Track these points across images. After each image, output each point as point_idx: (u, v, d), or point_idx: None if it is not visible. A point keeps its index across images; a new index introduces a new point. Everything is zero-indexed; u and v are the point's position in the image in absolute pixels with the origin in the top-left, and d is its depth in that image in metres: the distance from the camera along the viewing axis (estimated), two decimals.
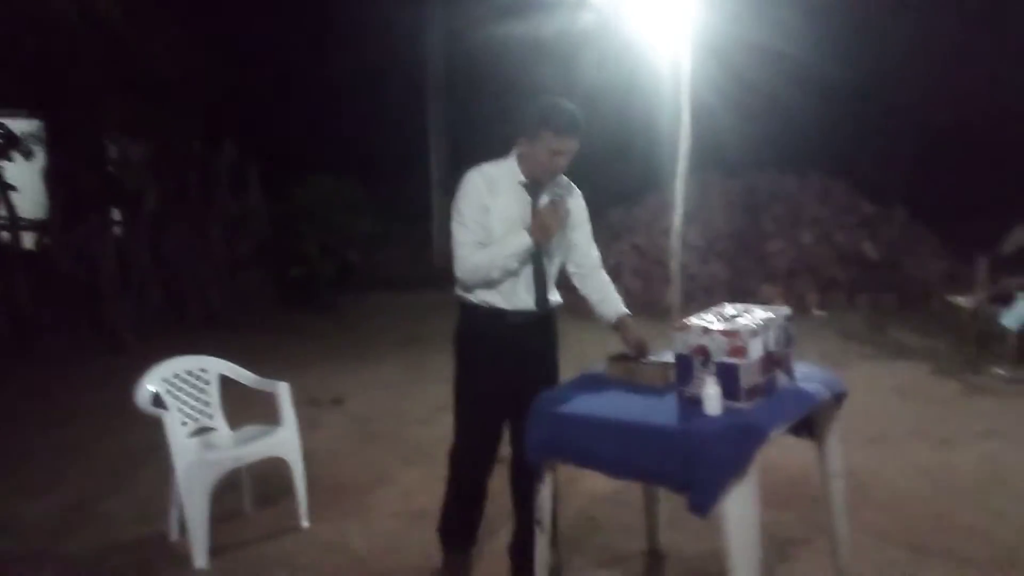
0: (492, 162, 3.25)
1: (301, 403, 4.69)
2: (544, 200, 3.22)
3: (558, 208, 3.16)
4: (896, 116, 11.62)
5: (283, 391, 4.16)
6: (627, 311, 3.43)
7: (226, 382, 4.33)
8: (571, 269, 3.46)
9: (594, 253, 3.47)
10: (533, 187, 3.22)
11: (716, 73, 7.09)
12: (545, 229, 3.13)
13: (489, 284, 3.20)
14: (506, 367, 3.26)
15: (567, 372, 3.42)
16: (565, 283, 3.45)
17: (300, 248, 10.06)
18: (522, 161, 3.20)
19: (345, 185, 10.37)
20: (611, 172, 11.58)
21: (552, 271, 3.35)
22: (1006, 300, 6.30)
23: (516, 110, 3.29)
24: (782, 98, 10.62)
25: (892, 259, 9.42)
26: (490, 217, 3.18)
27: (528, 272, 3.24)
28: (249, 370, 4.33)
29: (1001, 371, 6.01)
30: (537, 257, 3.23)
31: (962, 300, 6.47)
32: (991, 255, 6.57)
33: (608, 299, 3.45)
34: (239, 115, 11.36)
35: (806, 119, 11.09)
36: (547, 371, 3.38)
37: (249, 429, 4.24)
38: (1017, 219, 6.51)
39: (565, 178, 3.29)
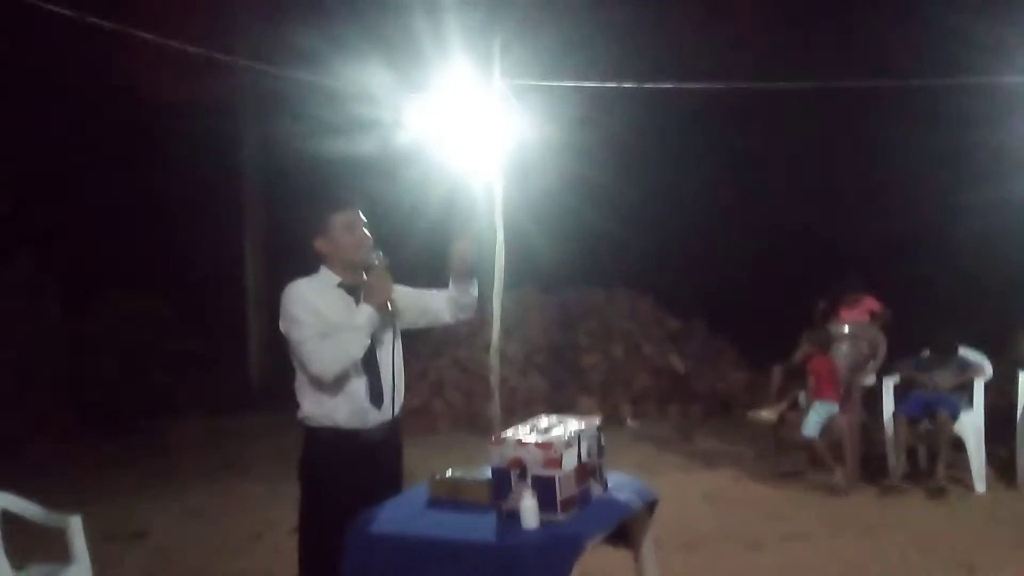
0: (305, 279, 3.24)
1: (97, 539, 4.34)
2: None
3: (379, 271, 3.17)
4: (693, 233, 12.60)
5: (75, 526, 3.86)
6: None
7: (10, 518, 3.96)
8: (448, 318, 3.54)
9: (436, 293, 3.52)
10: (351, 288, 3.24)
11: (528, 194, 7.46)
12: (379, 292, 3.13)
13: (342, 378, 3.09)
14: (361, 491, 3.12)
15: None
16: None
17: (100, 369, 9.44)
18: (331, 262, 3.23)
19: (152, 301, 9.91)
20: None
21: (398, 365, 3.32)
22: (797, 408, 6.78)
23: (298, 224, 3.37)
24: (588, 218, 11.29)
25: (696, 371, 9.99)
26: (322, 317, 3.13)
27: (369, 378, 3.19)
28: (38, 504, 4.00)
29: (837, 479, 6.32)
30: (372, 360, 3.19)
31: (764, 414, 6.87)
32: (783, 364, 7.08)
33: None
34: (35, 225, 10.71)
35: (613, 237, 11.81)
36: (398, 485, 3.34)
37: (36, 569, 3.88)
38: (802, 328, 7.08)
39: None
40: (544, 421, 3.11)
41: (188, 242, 12.07)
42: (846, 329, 7.11)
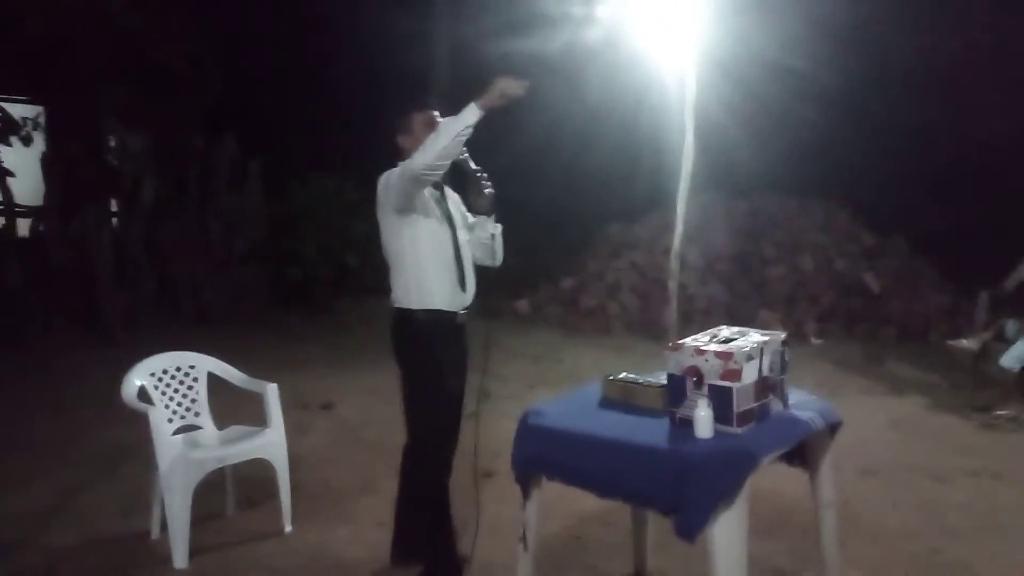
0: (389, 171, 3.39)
1: (290, 406, 4.65)
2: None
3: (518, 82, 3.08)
4: (901, 142, 11.60)
5: (271, 392, 4.11)
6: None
7: (215, 380, 4.29)
8: (479, 255, 3.60)
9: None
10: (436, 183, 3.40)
11: (724, 89, 7.05)
12: (501, 95, 3.06)
13: (441, 164, 3.15)
14: (459, 367, 3.49)
15: (562, 388, 3.39)
16: (571, 301, 3.53)
17: (297, 248, 10.01)
18: (410, 156, 3.26)
19: (346, 186, 10.31)
20: (615, 188, 11.57)
21: (468, 255, 3.52)
22: (1004, 338, 6.24)
23: (380, 123, 3.58)
24: (789, 117, 10.59)
25: (892, 291, 9.38)
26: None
27: (455, 265, 3.40)
28: (239, 369, 4.29)
29: (1004, 412, 5.91)
30: (458, 246, 3.41)
31: (965, 342, 6.38)
32: (993, 290, 6.51)
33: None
34: (241, 109, 11.32)
35: (810, 142, 11.07)
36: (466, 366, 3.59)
37: (235, 429, 4.20)
38: (1021, 253, 6.44)
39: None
40: (725, 331, 2.99)
41: (380, 132, 12.39)
42: None
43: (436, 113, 3.41)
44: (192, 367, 4.24)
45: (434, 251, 3.36)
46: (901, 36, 10.73)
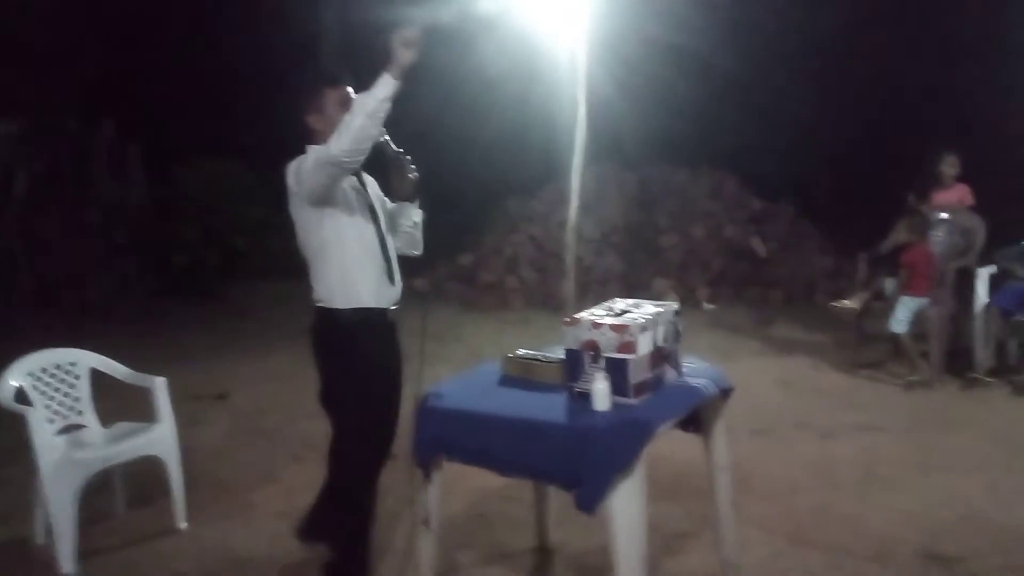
0: (297, 159, 3.09)
1: (182, 398, 4.49)
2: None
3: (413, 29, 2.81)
4: (785, 112, 12.00)
5: (160, 386, 3.97)
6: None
7: (99, 377, 4.12)
8: (400, 245, 3.32)
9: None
10: None
11: (612, 65, 7.13)
12: (405, 50, 2.77)
13: (362, 148, 2.84)
14: (391, 367, 3.22)
15: (461, 368, 3.36)
16: (469, 276, 3.41)
17: (183, 234, 9.65)
18: (322, 139, 2.99)
19: (233, 169, 9.99)
20: (510, 162, 11.58)
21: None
22: (882, 297, 6.53)
23: (288, 96, 3.18)
24: (676, 91, 10.83)
25: (779, 255, 9.71)
26: None
27: (381, 258, 3.15)
28: (126, 364, 4.14)
29: (914, 377, 6.15)
30: (383, 238, 3.16)
31: (847, 303, 6.64)
32: (871, 253, 6.80)
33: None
34: (121, 92, 10.80)
35: (698, 113, 11.34)
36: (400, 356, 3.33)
37: (122, 426, 4.05)
38: (892, 215, 6.75)
39: None
40: (620, 304, 3.02)
41: (266, 110, 12.03)
42: (942, 215, 6.73)
43: (351, 90, 3.07)
44: (73, 364, 4.06)
45: (359, 245, 3.09)
46: (786, 17, 11.12)
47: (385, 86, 2.78)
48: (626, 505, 2.59)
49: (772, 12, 11.09)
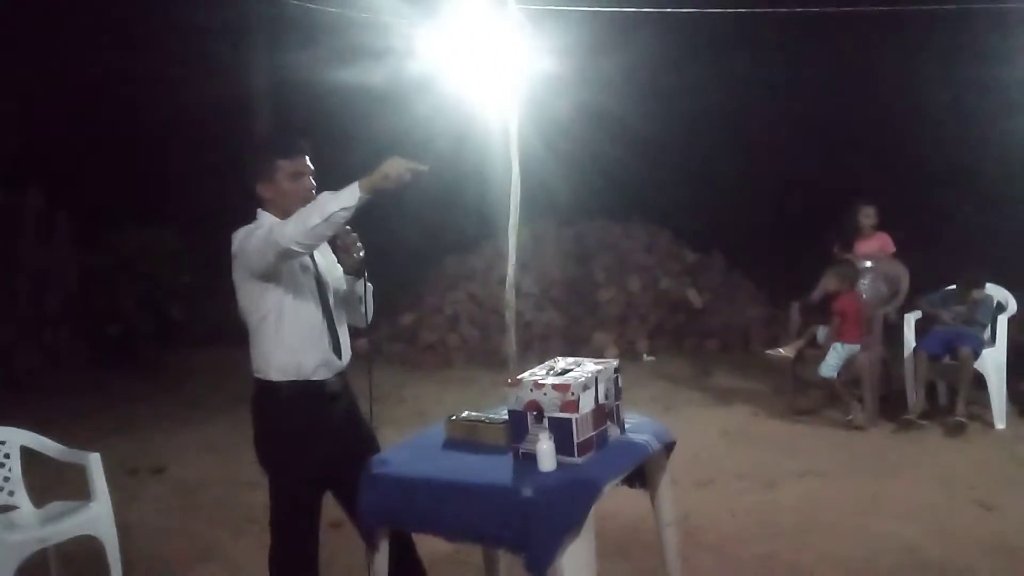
0: (245, 227, 3.05)
1: (117, 474, 4.39)
2: None
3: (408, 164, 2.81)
4: (711, 169, 12.44)
5: (94, 463, 3.86)
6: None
7: (30, 454, 3.98)
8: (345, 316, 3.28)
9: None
10: None
11: (544, 126, 7.29)
12: (386, 177, 2.77)
13: (311, 244, 2.84)
14: (331, 443, 3.08)
15: (406, 429, 3.34)
16: (410, 336, 3.39)
17: (116, 303, 9.44)
18: (272, 209, 3.03)
19: (165, 235, 9.86)
20: (446, 220, 11.66)
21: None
22: (816, 345, 6.69)
23: (241, 168, 3.14)
24: (605, 152, 11.14)
25: (714, 306, 9.90)
26: None
27: (327, 333, 3.09)
28: (58, 440, 4.03)
29: (850, 416, 6.28)
30: (328, 308, 3.10)
31: (782, 351, 6.77)
32: (802, 301, 6.98)
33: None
34: (46, 160, 10.62)
35: (627, 172, 11.67)
36: (366, 426, 3.26)
37: (56, 506, 3.92)
38: (821, 264, 6.96)
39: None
40: (561, 363, 3.06)
41: (198, 174, 11.93)
42: (867, 263, 6.98)
43: (307, 160, 3.05)
44: (2, 443, 3.94)
45: (303, 319, 3.02)
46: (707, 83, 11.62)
47: (350, 196, 2.75)
48: (576, 565, 2.59)
49: (692, 78, 11.59)
